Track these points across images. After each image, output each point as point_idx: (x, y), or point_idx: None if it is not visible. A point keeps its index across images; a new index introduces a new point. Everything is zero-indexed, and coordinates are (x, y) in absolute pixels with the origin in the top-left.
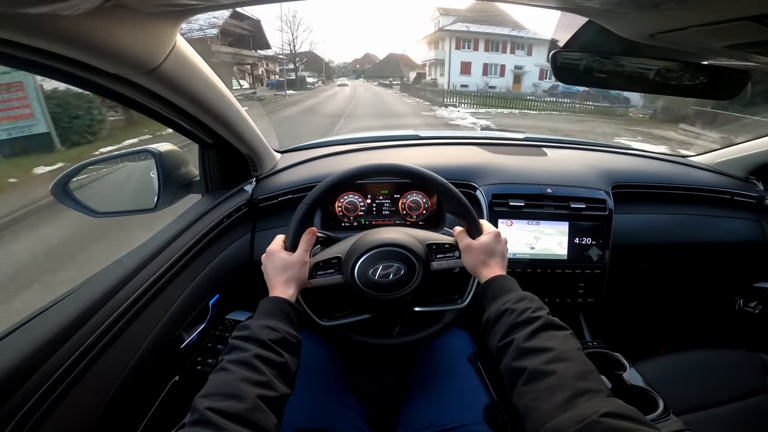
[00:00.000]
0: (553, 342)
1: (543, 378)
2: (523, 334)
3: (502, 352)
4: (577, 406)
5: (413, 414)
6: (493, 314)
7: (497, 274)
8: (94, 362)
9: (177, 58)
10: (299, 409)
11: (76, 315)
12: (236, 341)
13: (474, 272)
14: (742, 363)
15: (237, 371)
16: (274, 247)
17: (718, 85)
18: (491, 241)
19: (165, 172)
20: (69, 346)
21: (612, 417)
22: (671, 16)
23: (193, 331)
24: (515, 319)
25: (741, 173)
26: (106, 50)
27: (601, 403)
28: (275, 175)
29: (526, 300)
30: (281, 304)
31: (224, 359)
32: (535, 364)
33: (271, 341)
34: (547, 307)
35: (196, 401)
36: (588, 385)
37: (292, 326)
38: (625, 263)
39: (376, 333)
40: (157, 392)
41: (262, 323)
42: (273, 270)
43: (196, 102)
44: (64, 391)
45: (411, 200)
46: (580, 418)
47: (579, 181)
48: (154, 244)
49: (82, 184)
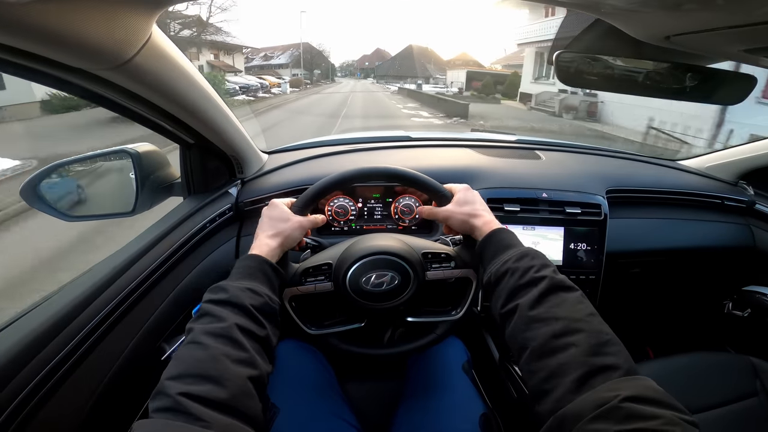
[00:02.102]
0: (562, 309)
1: (554, 354)
2: (527, 300)
3: (506, 320)
4: (595, 388)
5: (407, 424)
6: (494, 275)
7: (494, 228)
8: (68, 375)
9: (152, 52)
10: (291, 421)
11: (47, 326)
12: (211, 306)
13: (470, 231)
14: (731, 366)
15: (214, 346)
16: (279, 201)
17: (722, 90)
18: (463, 194)
19: (143, 174)
20: (41, 358)
21: (634, 401)
22: (693, 18)
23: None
24: (518, 280)
25: (730, 178)
26: (67, 42)
27: (622, 384)
28: (262, 177)
29: (528, 257)
30: (262, 264)
31: (195, 329)
32: (543, 337)
33: (253, 307)
34: (552, 264)
35: (165, 384)
36: (604, 360)
37: (273, 290)
38: (617, 268)
39: (367, 342)
40: (137, 406)
41: (241, 285)
42: (268, 220)
43: (174, 100)
44: (36, 407)
45: (403, 204)
46: (599, 402)
47: (574, 185)
48: (131, 250)
49: (54, 186)
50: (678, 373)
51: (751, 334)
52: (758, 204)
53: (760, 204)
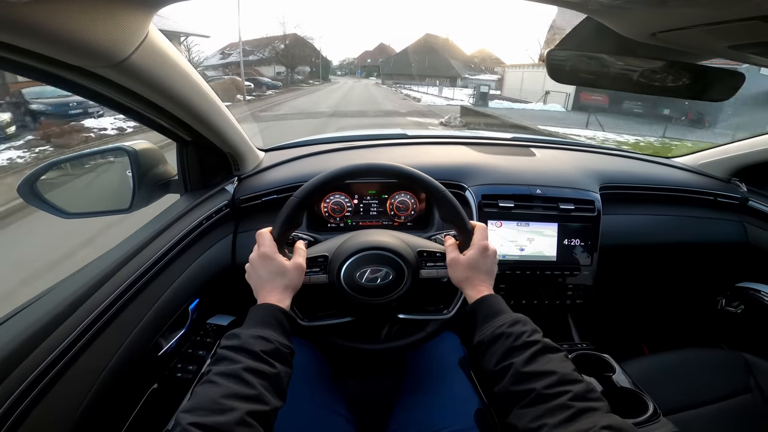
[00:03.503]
0: (553, 365)
1: (547, 401)
2: (521, 359)
3: (499, 376)
4: (577, 423)
5: (404, 419)
6: (488, 337)
7: (485, 294)
8: (65, 371)
9: (149, 51)
10: (289, 418)
11: (43, 322)
12: (225, 351)
13: (460, 287)
14: (725, 363)
15: (225, 384)
16: (268, 251)
17: (712, 87)
18: (477, 257)
19: (140, 171)
20: (37, 353)
21: (611, 430)
22: (677, 14)
23: (172, 338)
24: (512, 343)
25: (723, 175)
26: (65, 40)
27: (600, 418)
28: (258, 174)
29: (520, 323)
30: (275, 312)
31: (211, 371)
32: (539, 387)
33: (263, 352)
34: (540, 330)
35: (179, 416)
36: (588, 404)
37: (286, 336)
38: (611, 264)
39: (360, 338)
40: (134, 401)
41: (253, 333)
42: (269, 275)
43: (170, 97)
44: (34, 402)
45: (399, 201)
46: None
47: (568, 181)
48: (128, 246)
49: (51, 184)
50: (672, 370)
51: (745, 330)
52: (751, 200)
53: (753, 200)
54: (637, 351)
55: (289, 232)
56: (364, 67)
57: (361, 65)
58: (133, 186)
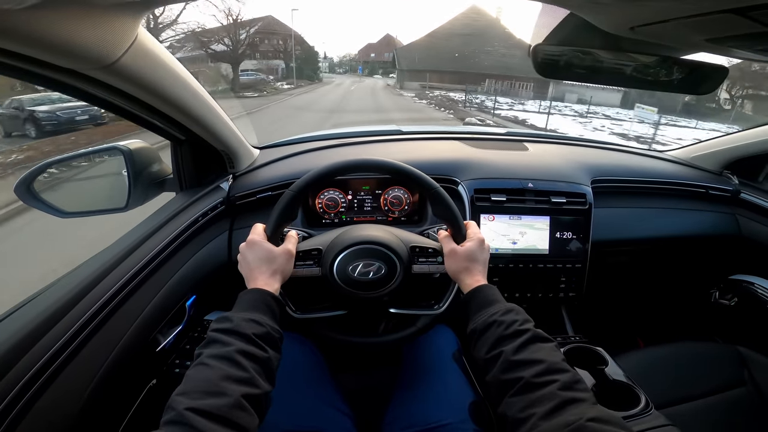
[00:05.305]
0: (542, 354)
1: (534, 389)
2: (511, 347)
3: (490, 364)
4: (565, 413)
5: (400, 413)
6: (480, 325)
7: (481, 284)
8: (64, 367)
9: (139, 52)
10: (285, 411)
11: (42, 319)
12: (217, 334)
13: (456, 278)
14: (719, 356)
15: (218, 367)
16: (256, 237)
17: (696, 80)
18: (476, 248)
19: (136, 170)
20: (37, 350)
21: (597, 422)
22: (652, 8)
23: (170, 334)
24: (503, 331)
25: (715, 168)
26: (55, 44)
27: (587, 410)
28: (253, 171)
29: (512, 312)
30: (265, 297)
31: (203, 353)
32: (527, 375)
33: (255, 335)
34: (532, 320)
35: (174, 399)
36: (575, 394)
37: (275, 320)
38: (604, 257)
39: (353, 331)
40: (133, 397)
41: (245, 316)
42: (257, 261)
43: (163, 97)
44: (33, 398)
45: (393, 196)
46: (568, 423)
47: (559, 175)
48: (124, 244)
49: (48, 183)
50: (666, 363)
51: (739, 323)
52: (743, 193)
53: (745, 193)
54: (632, 344)
55: (284, 225)
56: (367, 63)
57: (363, 60)
58: (128, 185)
